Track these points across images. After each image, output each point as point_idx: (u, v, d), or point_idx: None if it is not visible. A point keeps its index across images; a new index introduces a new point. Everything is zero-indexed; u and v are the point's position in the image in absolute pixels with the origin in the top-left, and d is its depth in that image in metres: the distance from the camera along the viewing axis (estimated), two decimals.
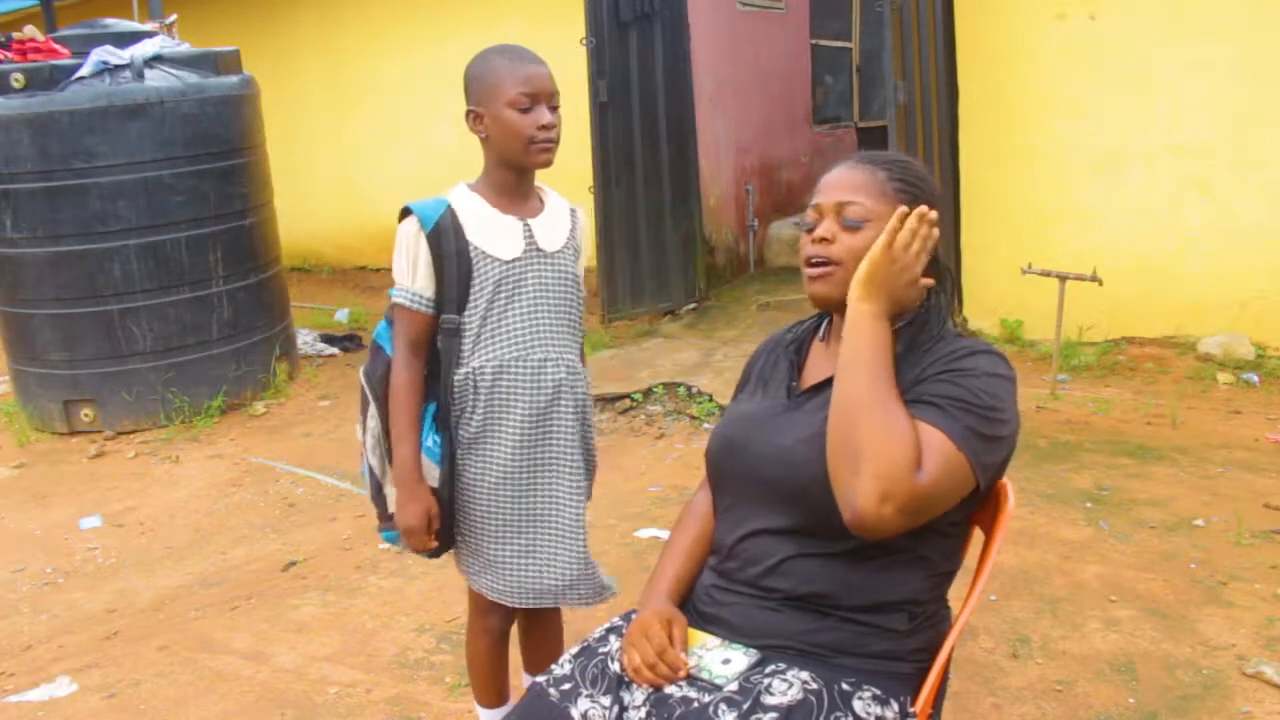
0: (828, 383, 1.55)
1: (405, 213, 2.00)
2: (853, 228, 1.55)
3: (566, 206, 2.13)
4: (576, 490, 2.09)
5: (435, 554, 2.12)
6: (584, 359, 2.17)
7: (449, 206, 1.98)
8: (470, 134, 2.01)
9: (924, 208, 1.51)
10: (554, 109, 1.96)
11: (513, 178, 2.01)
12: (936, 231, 1.52)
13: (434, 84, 7.88)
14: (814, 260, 1.58)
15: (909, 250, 1.50)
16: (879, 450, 1.38)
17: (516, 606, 2.14)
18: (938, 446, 1.41)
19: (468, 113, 1.98)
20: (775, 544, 1.54)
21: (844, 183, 1.58)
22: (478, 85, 1.97)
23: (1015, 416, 1.50)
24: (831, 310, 1.64)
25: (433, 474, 2.02)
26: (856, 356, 1.46)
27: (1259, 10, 4.76)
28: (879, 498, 1.37)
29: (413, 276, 1.98)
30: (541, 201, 2.08)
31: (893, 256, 1.49)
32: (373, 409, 2.04)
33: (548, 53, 2.06)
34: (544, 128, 1.93)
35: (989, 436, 1.45)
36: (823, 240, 1.57)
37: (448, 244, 1.96)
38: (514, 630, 2.31)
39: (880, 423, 1.40)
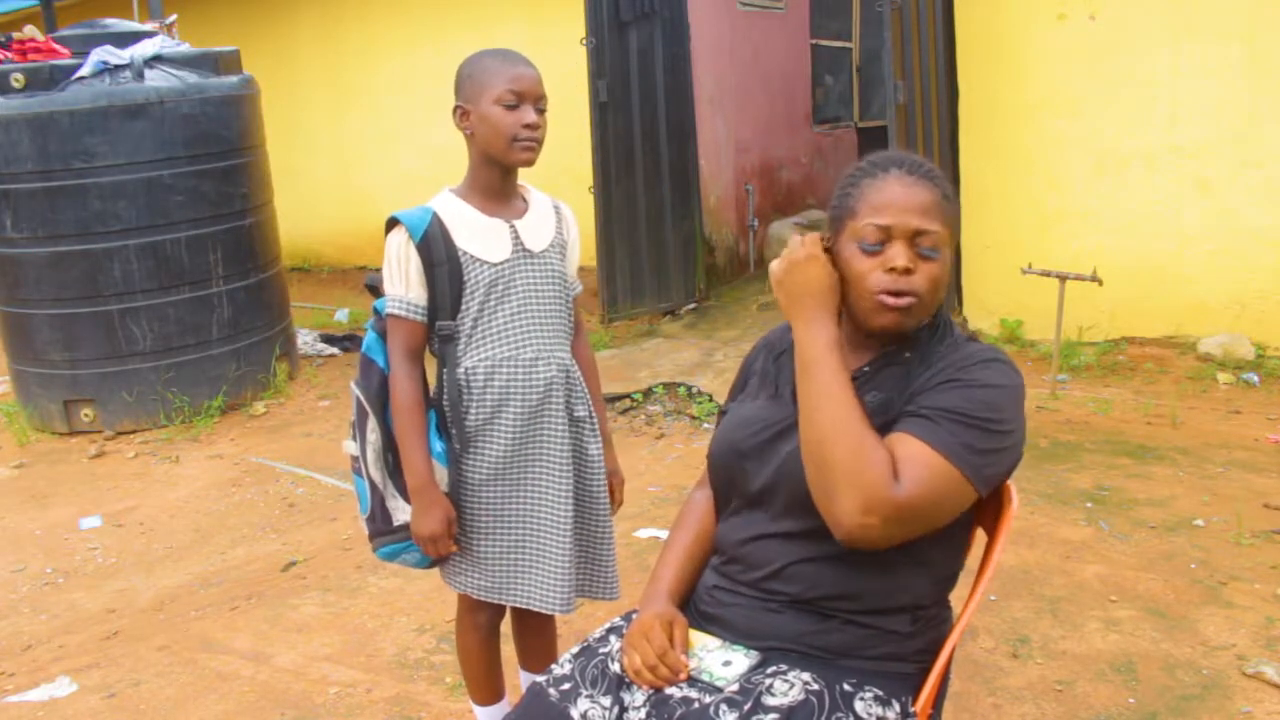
0: None
1: (392, 224, 2.01)
2: (929, 257, 1.48)
3: (550, 204, 2.15)
4: (563, 489, 2.07)
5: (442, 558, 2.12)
6: (578, 351, 2.18)
7: (435, 214, 2.00)
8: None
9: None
10: (540, 111, 1.99)
11: (497, 177, 2.03)
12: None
13: (434, 84, 7.85)
14: (897, 292, 1.47)
15: (801, 252, 1.53)
16: (849, 470, 1.39)
17: (503, 604, 2.14)
18: (914, 456, 1.41)
19: (455, 108, 2.01)
20: (779, 548, 1.54)
21: (915, 204, 1.48)
22: (468, 83, 2.00)
23: (1020, 424, 1.48)
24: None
25: (443, 477, 2.03)
26: (809, 385, 1.47)
27: (1259, 11, 4.76)
28: (860, 512, 1.38)
29: (405, 286, 1.99)
30: (525, 202, 2.10)
31: (791, 264, 1.53)
32: (372, 422, 2.04)
33: (548, 53, 2.08)
34: (528, 126, 1.96)
35: (987, 449, 1.43)
36: (906, 271, 1.47)
37: (438, 251, 1.97)
38: (507, 628, 2.32)
39: (845, 446, 1.40)
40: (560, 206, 2.17)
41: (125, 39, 5.21)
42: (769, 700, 1.41)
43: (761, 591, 1.55)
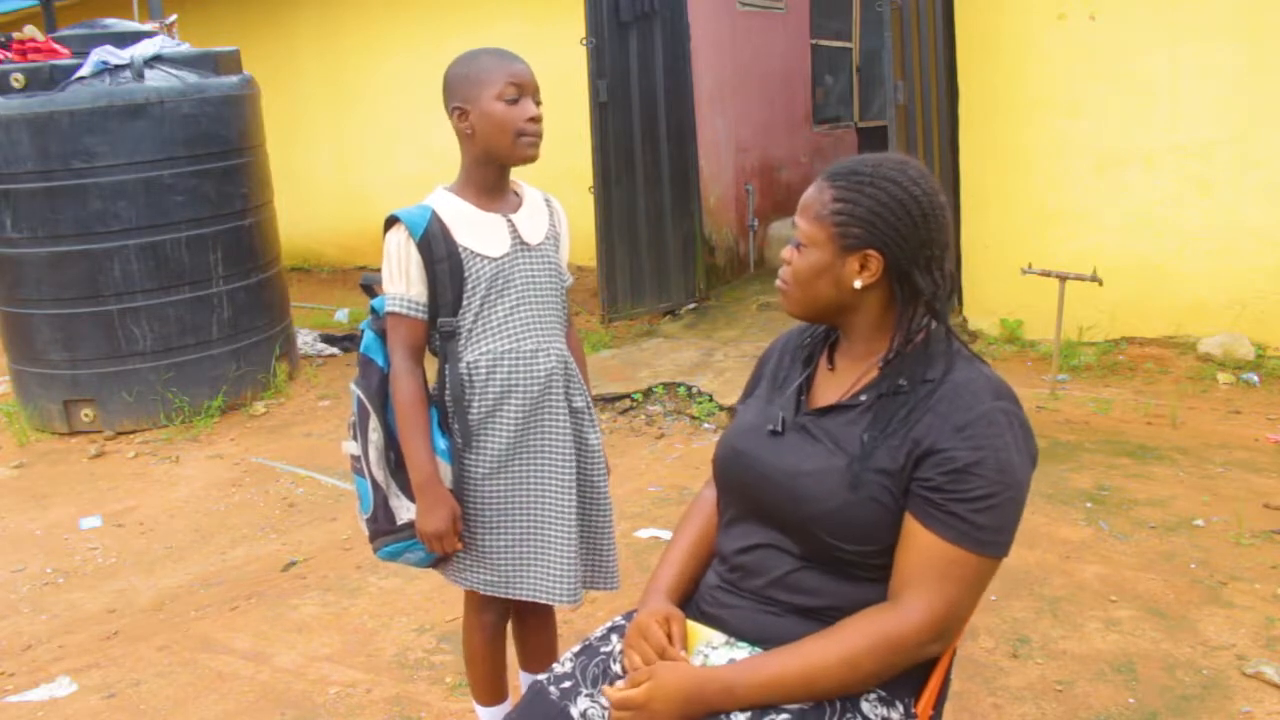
0: (833, 409, 1.53)
1: (390, 222, 2.01)
2: (797, 248, 1.54)
3: (541, 198, 2.16)
4: (566, 480, 2.08)
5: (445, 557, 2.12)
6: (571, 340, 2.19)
7: (433, 211, 2.00)
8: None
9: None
10: (538, 104, 2.00)
11: (493, 175, 2.04)
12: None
13: (434, 84, 7.76)
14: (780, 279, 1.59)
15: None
16: (889, 673, 1.43)
17: (511, 598, 2.14)
18: (957, 573, 1.41)
19: (453, 109, 2.00)
20: (777, 559, 1.53)
21: (804, 199, 1.55)
22: (463, 82, 1.99)
23: (1029, 465, 1.46)
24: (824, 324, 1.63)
25: (447, 474, 2.03)
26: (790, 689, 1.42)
27: (1259, 11, 4.76)
28: (929, 644, 1.42)
29: (406, 284, 1.99)
30: (518, 196, 2.11)
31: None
32: (374, 421, 2.03)
33: (548, 53, 2.09)
34: (532, 119, 1.97)
35: (1015, 520, 1.44)
36: (784, 261, 1.57)
37: (438, 248, 1.97)
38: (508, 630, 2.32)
39: (872, 675, 1.42)
40: (550, 200, 2.18)
41: (125, 39, 5.21)
42: None
43: (763, 598, 1.54)
